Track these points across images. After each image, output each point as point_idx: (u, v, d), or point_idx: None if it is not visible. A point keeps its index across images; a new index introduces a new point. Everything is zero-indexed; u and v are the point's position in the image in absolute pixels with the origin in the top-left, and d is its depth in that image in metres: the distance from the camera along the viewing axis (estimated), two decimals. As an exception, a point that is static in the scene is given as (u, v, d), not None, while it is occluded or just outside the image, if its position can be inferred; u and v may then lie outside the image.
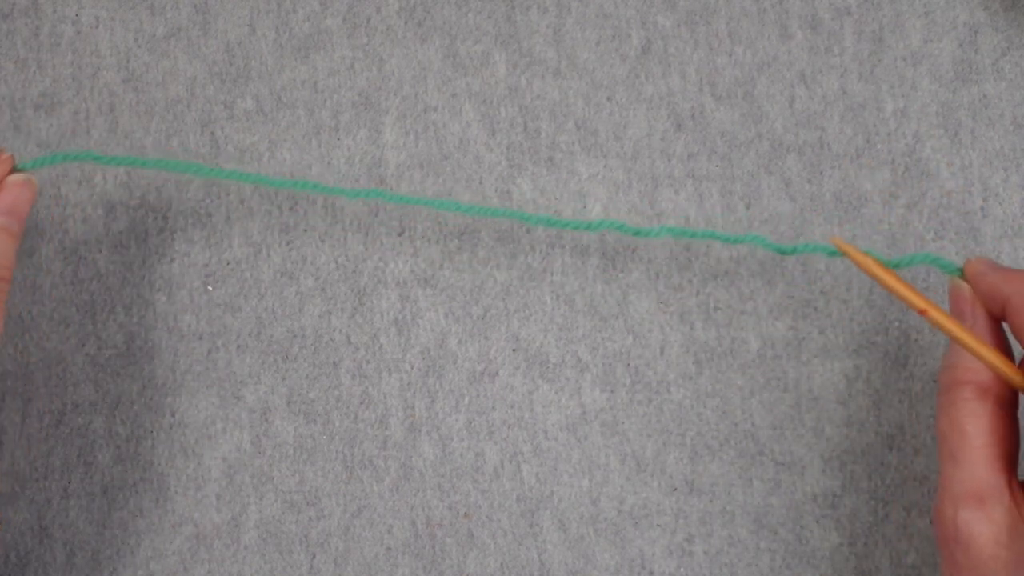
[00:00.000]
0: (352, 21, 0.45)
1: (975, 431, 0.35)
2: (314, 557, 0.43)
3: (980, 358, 0.36)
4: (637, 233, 0.40)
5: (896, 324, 0.44)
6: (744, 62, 0.45)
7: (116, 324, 0.43)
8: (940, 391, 0.36)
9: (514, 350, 0.44)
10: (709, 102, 0.45)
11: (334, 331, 0.44)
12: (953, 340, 0.36)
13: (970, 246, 0.44)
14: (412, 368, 0.43)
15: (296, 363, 0.43)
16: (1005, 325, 0.36)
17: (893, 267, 0.38)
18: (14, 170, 0.38)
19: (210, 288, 0.44)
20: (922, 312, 0.37)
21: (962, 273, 0.38)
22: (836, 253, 0.38)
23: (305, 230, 0.44)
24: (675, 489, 0.43)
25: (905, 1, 0.45)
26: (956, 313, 0.37)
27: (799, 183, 0.44)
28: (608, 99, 0.45)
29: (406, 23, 0.45)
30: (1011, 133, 0.44)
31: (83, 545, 0.43)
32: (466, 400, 0.43)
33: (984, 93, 0.45)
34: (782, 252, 0.39)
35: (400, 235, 0.44)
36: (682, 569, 0.43)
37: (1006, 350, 0.37)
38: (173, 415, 0.43)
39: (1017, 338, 0.35)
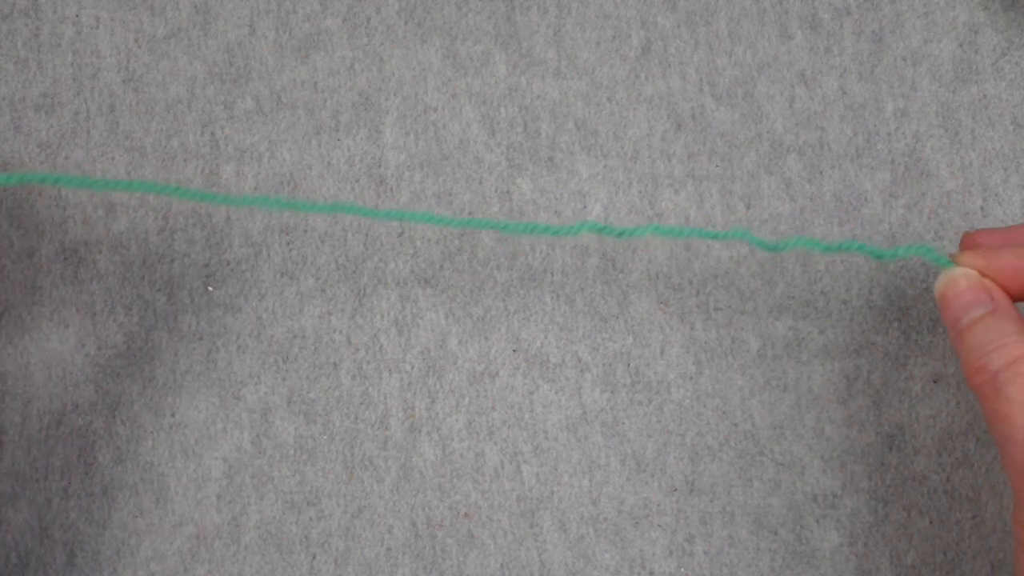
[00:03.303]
0: (352, 21, 0.45)
1: None
2: (314, 557, 0.43)
3: None
4: (621, 234, 0.38)
5: (896, 324, 0.44)
6: (744, 62, 0.45)
7: (116, 324, 0.43)
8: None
9: (514, 350, 0.44)
10: (709, 102, 0.45)
11: (334, 331, 0.44)
12: None
13: (970, 246, 0.44)
14: (412, 368, 0.43)
15: (296, 363, 0.43)
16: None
17: (888, 258, 0.37)
18: None
19: (210, 288, 0.44)
20: None
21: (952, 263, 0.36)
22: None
23: (305, 230, 0.44)
24: (675, 489, 0.43)
25: (905, 1, 0.45)
26: (960, 306, 0.35)
27: (799, 183, 0.44)
28: (608, 99, 0.45)
29: (406, 23, 0.45)
30: (1011, 133, 0.44)
31: (83, 545, 0.43)
32: (466, 400, 0.43)
33: (984, 93, 0.45)
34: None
35: (400, 235, 0.44)
36: (682, 569, 0.43)
37: None
38: (173, 415, 0.43)
39: None
